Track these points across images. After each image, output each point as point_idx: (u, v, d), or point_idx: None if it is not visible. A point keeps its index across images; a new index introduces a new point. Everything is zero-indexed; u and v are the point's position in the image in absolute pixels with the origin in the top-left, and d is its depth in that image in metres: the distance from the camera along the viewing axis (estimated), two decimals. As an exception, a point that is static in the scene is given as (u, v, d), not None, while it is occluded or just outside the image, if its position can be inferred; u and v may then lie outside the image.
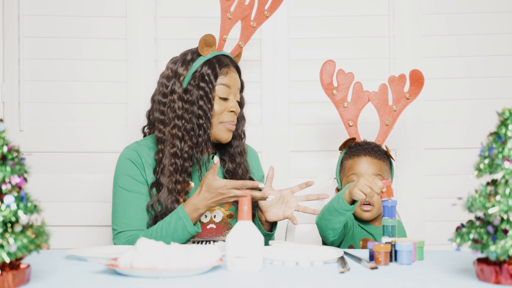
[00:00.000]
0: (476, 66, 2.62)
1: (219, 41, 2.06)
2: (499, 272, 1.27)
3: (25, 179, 1.27)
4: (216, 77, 1.98)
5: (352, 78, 2.18)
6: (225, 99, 1.99)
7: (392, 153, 2.14)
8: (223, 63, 2.00)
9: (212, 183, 1.83)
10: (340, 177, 2.12)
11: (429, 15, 2.62)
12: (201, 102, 1.96)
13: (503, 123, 1.28)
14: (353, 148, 2.10)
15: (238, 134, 2.08)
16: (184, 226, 1.85)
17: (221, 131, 1.99)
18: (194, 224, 1.88)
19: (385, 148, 2.12)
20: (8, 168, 1.24)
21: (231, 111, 1.99)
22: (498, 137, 1.29)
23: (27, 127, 2.57)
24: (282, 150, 2.57)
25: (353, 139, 2.13)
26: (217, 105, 1.98)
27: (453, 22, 2.62)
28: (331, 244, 1.92)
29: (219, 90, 1.98)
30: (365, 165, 2.04)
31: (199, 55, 2.01)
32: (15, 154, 1.26)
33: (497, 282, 1.27)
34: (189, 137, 1.96)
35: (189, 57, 2.01)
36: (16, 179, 1.25)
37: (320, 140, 2.60)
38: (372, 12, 2.62)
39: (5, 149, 1.24)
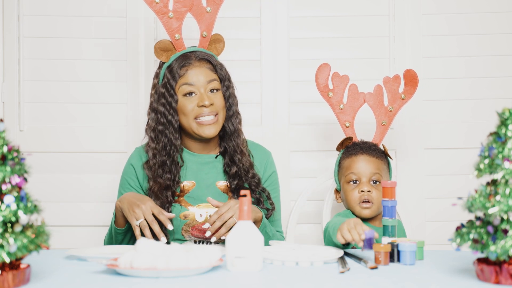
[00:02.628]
0: (476, 66, 2.62)
1: (173, 42, 2.03)
2: (499, 272, 1.27)
3: (25, 179, 1.27)
4: (175, 80, 1.97)
5: (347, 80, 2.18)
6: (190, 94, 1.97)
7: (391, 154, 2.14)
8: (182, 62, 1.98)
9: (143, 197, 1.87)
10: (339, 177, 2.12)
11: (429, 15, 2.62)
12: (163, 109, 1.97)
13: (503, 123, 1.29)
14: (350, 148, 2.10)
15: (231, 131, 2.03)
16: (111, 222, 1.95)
17: (196, 128, 1.96)
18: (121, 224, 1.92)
19: (382, 147, 2.12)
20: (8, 168, 1.24)
21: (201, 106, 1.95)
22: (498, 137, 1.29)
23: (27, 127, 2.56)
24: (282, 150, 2.56)
25: (350, 138, 2.13)
26: (184, 104, 1.97)
27: (453, 22, 2.62)
28: None
29: (182, 90, 1.97)
30: (363, 163, 2.04)
31: (164, 63, 2.02)
32: (15, 154, 1.26)
33: (497, 282, 1.27)
34: (161, 149, 1.98)
35: (158, 69, 2.04)
36: (16, 179, 1.25)
37: (320, 140, 2.59)
38: (372, 12, 2.62)
39: (5, 149, 1.24)
